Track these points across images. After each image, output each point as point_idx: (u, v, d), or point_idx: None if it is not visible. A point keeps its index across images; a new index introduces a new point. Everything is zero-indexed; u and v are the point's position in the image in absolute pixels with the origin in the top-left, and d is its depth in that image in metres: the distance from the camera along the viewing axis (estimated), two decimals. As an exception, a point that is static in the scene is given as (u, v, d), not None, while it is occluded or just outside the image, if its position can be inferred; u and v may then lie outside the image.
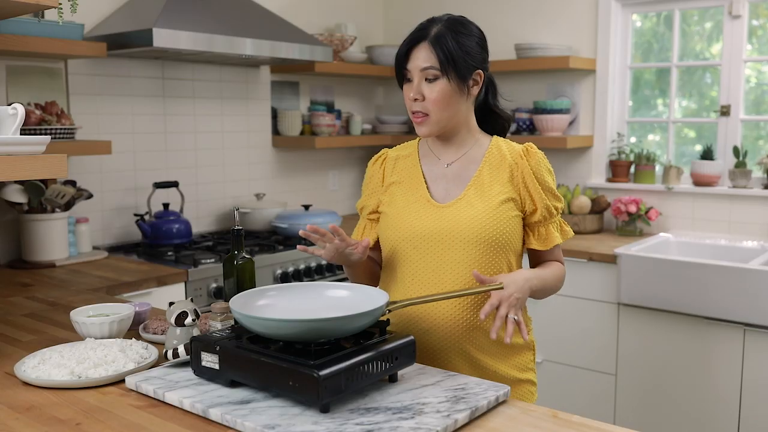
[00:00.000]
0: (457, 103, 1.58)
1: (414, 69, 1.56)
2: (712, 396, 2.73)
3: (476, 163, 1.62)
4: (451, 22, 1.59)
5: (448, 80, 1.54)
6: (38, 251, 2.62)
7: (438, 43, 1.55)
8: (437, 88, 1.55)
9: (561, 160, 3.69)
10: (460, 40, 1.56)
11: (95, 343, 1.50)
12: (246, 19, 3.00)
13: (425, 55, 1.55)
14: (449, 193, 1.62)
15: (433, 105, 1.56)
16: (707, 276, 2.68)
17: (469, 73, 1.58)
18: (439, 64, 1.54)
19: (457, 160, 1.64)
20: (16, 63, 2.65)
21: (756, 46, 3.25)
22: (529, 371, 1.67)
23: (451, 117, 1.59)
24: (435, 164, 1.66)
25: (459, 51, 1.55)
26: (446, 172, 1.64)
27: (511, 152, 1.62)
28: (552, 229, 1.63)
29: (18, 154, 1.44)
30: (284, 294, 1.43)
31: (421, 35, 1.57)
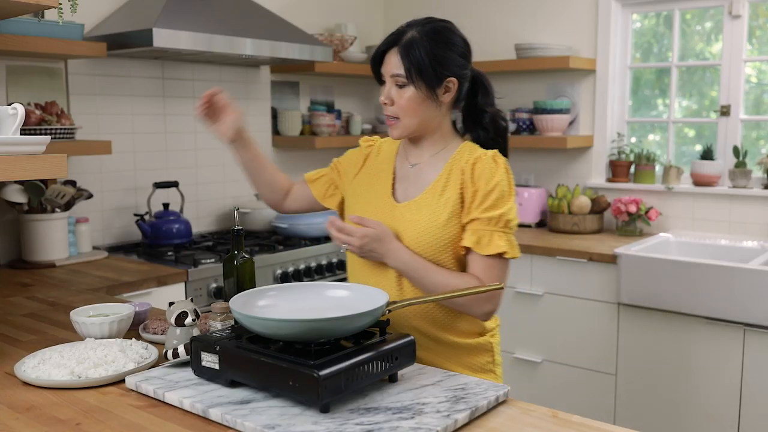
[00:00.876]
0: (426, 109, 1.60)
1: (386, 74, 1.61)
2: (712, 396, 2.73)
3: (438, 168, 1.64)
4: (428, 29, 1.60)
5: (415, 87, 1.57)
6: (38, 251, 2.62)
7: (407, 51, 1.57)
8: (405, 95, 1.58)
9: (561, 160, 3.69)
10: (431, 48, 1.57)
11: (95, 343, 1.50)
12: (246, 19, 3.00)
13: (395, 62, 1.58)
14: (407, 194, 1.65)
15: (402, 110, 1.60)
16: (707, 276, 2.68)
17: (438, 82, 1.58)
18: (406, 72, 1.56)
19: (422, 162, 1.67)
20: (16, 63, 2.65)
21: (756, 46, 3.25)
22: (488, 373, 1.64)
23: (421, 122, 1.62)
24: (404, 164, 1.70)
25: (427, 60, 1.56)
26: (410, 173, 1.67)
27: (468, 158, 1.60)
28: (468, 233, 1.54)
29: (18, 154, 1.44)
30: (284, 294, 1.43)
31: (394, 40, 1.61)
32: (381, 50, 1.62)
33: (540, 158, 3.76)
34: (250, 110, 3.53)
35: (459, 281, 1.53)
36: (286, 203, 1.90)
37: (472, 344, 1.63)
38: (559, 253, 3.08)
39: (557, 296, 3.13)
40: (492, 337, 1.67)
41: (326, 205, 1.84)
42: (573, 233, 3.41)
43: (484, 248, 1.53)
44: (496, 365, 1.67)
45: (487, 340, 1.65)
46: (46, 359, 1.44)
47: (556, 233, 3.44)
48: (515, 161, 3.82)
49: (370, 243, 1.54)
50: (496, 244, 1.53)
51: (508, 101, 3.82)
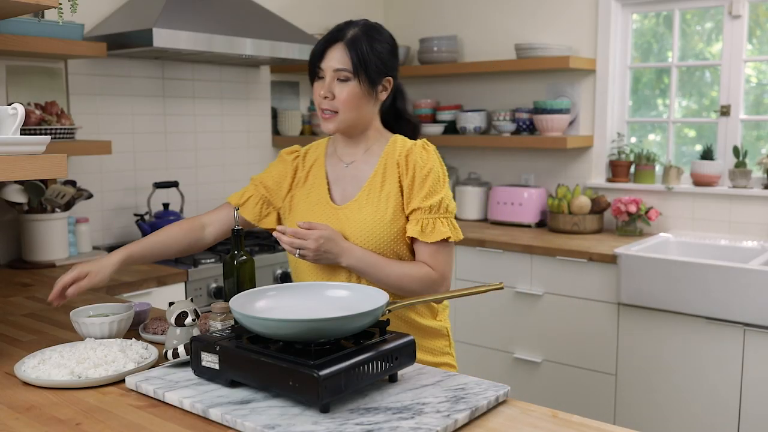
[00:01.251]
0: (365, 105, 1.64)
1: (327, 68, 1.62)
2: (712, 396, 2.73)
3: (373, 164, 1.67)
4: (368, 28, 1.66)
5: (358, 83, 1.61)
6: (38, 251, 2.62)
7: (353, 45, 1.61)
8: (347, 89, 1.61)
9: (561, 160, 3.69)
10: (374, 45, 1.63)
11: (95, 343, 1.50)
12: (246, 19, 3.00)
13: (340, 57, 1.61)
14: (345, 195, 1.68)
15: (342, 104, 1.62)
16: (707, 276, 2.68)
17: (379, 79, 1.64)
18: (352, 66, 1.60)
19: (356, 160, 1.70)
20: (16, 63, 2.65)
21: (756, 46, 3.25)
22: (445, 355, 1.73)
23: (358, 117, 1.65)
24: (337, 165, 1.72)
25: (372, 56, 1.61)
26: (345, 173, 1.70)
27: (401, 150, 1.66)
28: (413, 223, 1.61)
29: (18, 154, 1.44)
30: (284, 294, 1.42)
31: (337, 36, 1.63)
32: (323, 46, 1.63)
33: (540, 158, 3.76)
34: (250, 110, 3.53)
35: (413, 269, 1.61)
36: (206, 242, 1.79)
37: (430, 327, 1.69)
38: (559, 253, 3.08)
39: (557, 296, 3.13)
40: (445, 321, 1.75)
41: (263, 226, 1.80)
42: (573, 233, 3.41)
43: (429, 236, 1.60)
44: (451, 348, 1.76)
45: (443, 325, 1.73)
46: (46, 359, 1.44)
47: (556, 233, 3.44)
48: (515, 161, 3.83)
49: (325, 244, 1.55)
50: (440, 231, 1.60)
51: (508, 101, 3.83)
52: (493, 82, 3.88)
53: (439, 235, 1.60)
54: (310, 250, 1.55)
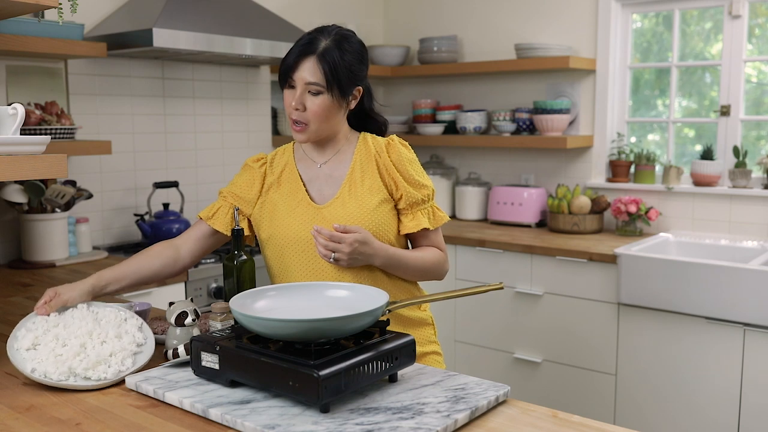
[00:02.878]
0: (335, 116, 1.66)
1: (299, 80, 1.62)
2: (712, 396, 2.73)
3: (347, 162, 1.70)
4: (339, 38, 1.64)
5: (330, 95, 1.61)
6: (38, 251, 2.62)
7: (325, 60, 1.60)
8: (318, 102, 1.62)
9: (561, 160, 3.69)
10: (345, 58, 1.62)
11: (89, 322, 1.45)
12: (246, 19, 3.00)
13: (311, 70, 1.60)
14: (323, 194, 1.69)
15: (313, 116, 1.63)
16: (707, 276, 2.68)
17: (350, 89, 1.66)
18: (325, 81, 1.60)
19: (329, 160, 1.72)
20: (16, 63, 2.65)
21: (756, 46, 3.25)
22: (431, 344, 1.77)
23: (328, 127, 1.67)
24: (310, 166, 1.73)
25: (343, 69, 1.61)
26: (319, 173, 1.71)
27: (375, 146, 1.71)
28: (419, 215, 1.69)
29: (18, 154, 1.44)
30: (284, 294, 1.43)
31: (310, 49, 1.61)
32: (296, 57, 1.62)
33: (540, 158, 3.76)
34: (250, 110, 3.53)
35: (428, 255, 1.70)
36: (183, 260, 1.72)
37: (415, 318, 1.73)
38: (559, 253, 3.08)
39: (557, 296, 3.13)
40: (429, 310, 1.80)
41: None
42: (573, 233, 3.41)
43: (435, 223, 1.72)
44: (436, 335, 1.81)
45: (427, 314, 1.78)
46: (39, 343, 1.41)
47: (556, 233, 3.44)
48: (515, 161, 3.83)
49: (360, 247, 1.57)
50: (440, 216, 1.73)
51: (508, 101, 3.83)
52: (493, 82, 3.88)
53: (441, 220, 1.73)
54: (344, 254, 1.56)
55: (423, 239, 1.73)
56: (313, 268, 1.65)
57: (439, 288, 2.98)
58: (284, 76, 1.64)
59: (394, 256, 1.63)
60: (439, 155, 4.07)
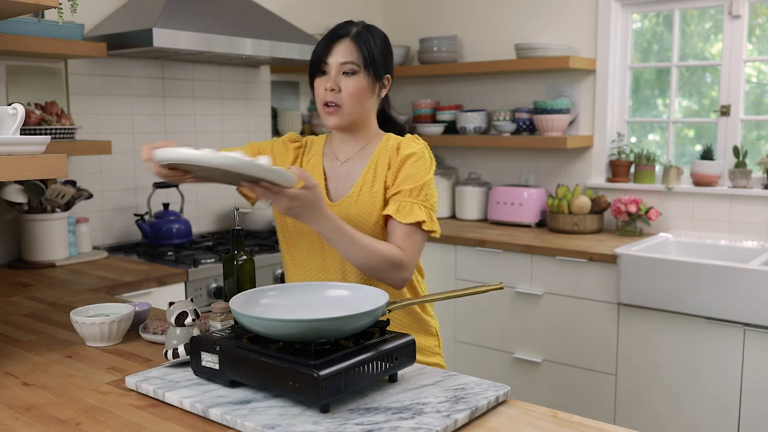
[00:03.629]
0: (368, 100, 1.66)
1: (333, 63, 1.62)
2: (712, 396, 2.73)
3: (365, 162, 1.69)
4: (368, 27, 1.69)
5: (365, 76, 1.63)
6: (38, 251, 2.62)
7: (361, 40, 1.64)
8: (353, 82, 1.62)
9: (561, 160, 3.69)
10: (377, 42, 1.66)
11: None
12: (246, 19, 3.00)
13: (346, 51, 1.62)
14: (339, 192, 1.70)
15: (348, 97, 1.62)
16: (707, 276, 2.68)
17: (382, 74, 1.67)
18: (361, 59, 1.62)
19: (351, 158, 1.71)
20: (16, 63, 2.65)
21: (756, 46, 3.25)
22: (435, 355, 1.75)
23: (360, 112, 1.66)
24: (333, 162, 1.73)
25: (377, 52, 1.65)
26: (339, 171, 1.72)
27: (393, 145, 1.68)
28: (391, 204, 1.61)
29: (18, 154, 1.44)
30: (284, 294, 1.42)
31: (342, 32, 1.65)
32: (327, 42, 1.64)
33: (540, 158, 3.76)
34: (250, 110, 3.53)
35: (382, 246, 1.55)
36: None
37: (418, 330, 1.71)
38: (559, 253, 3.08)
39: (557, 296, 3.13)
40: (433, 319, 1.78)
41: None
42: (573, 233, 3.41)
43: (404, 216, 1.58)
44: (440, 348, 1.79)
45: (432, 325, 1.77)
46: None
47: (556, 233, 3.44)
48: (515, 161, 3.83)
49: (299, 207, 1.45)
50: (416, 214, 1.58)
51: (508, 101, 3.83)
52: (493, 82, 3.88)
53: (414, 218, 1.57)
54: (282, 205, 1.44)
55: (390, 230, 1.61)
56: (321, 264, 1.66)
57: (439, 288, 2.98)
58: (316, 64, 1.64)
59: (339, 228, 1.50)
60: (439, 155, 4.07)
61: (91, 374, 1.44)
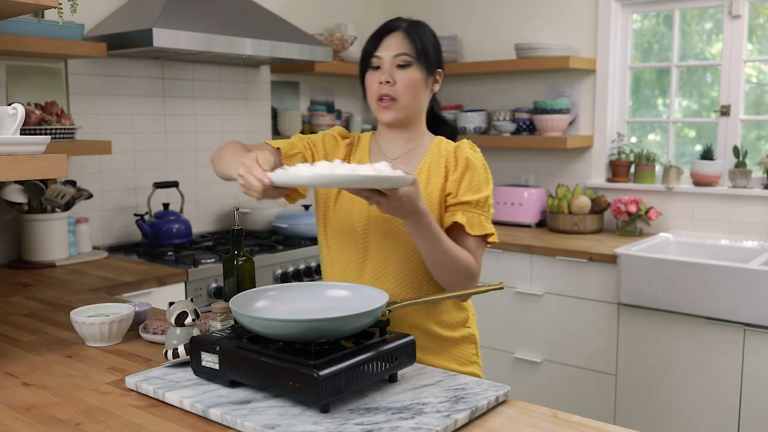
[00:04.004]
0: (422, 93, 1.63)
1: (386, 56, 1.60)
2: (712, 396, 2.73)
3: (416, 163, 1.65)
4: (418, 21, 1.67)
5: (419, 68, 1.60)
6: (38, 251, 2.62)
7: (414, 31, 1.62)
8: (407, 74, 1.59)
9: (561, 160, 3.69)
10: (428, 36, 1.64)
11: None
12: (246, 19, 3.00)
13: (399, 43, 1.60)
14: None
15: (403, 90, 1.59)
16: (707, 276, 2.68)
17: (434, 68, 1.65)
18: (414, 51, 1.59)
19: (400, 157, 1.67)
20: (16, 63, 2.65)
21: (756, 46, 3.25)
22: (472, 364, 1.69)
23: (415, 106, 1.63)
24: (380, 159, 1.68)
25: (430, 45, 1.63)
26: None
27: (447, 148, 1.65)
28: (459, 214, 1.57)
29: (18, 154, 1.44)
30: (284, 294, 1.42)
31: (393, 26, 1.63)
32: (378, 36, 1.61)
33: (540, 158, 3.76)
34: (250, 110, 3.53)
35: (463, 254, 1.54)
36: None
37: (457, 337, 1.66)
38: (559, 253, 3.08)
39: (557, 296, 3.13)
40: (473, 327, 1.72)
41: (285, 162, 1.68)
42: (573, 233, 3.41)
43: (475, 229, 1.57)
44: (478, 357, 1.73)
45: (470, 331, 1.70)
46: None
47: (556, 233, 3.44)
48: (515, 161, 3.83)
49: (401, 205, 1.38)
50: (483, 226, 1.59)
51: (508, 101, 3.83)
52: (493, 82, 3.88)
53: (484, 230, 1.58)
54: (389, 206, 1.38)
55: (459, 241, 1.57)
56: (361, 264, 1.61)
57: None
58: (367, 59, 1.61)
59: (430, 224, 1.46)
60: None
61: (91, 374, 1.44)
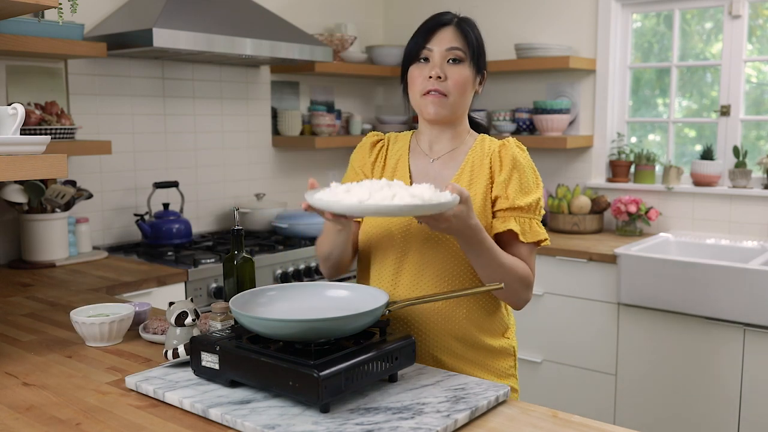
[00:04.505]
0: (470, 92, 1.58)
1: (438, 49, 1.53)
2: (712, 396, 2.73)
3: (458, 162, 1.60)
4: (468, 18, 1.60)
5: (470, 65, 1.54)
6: (38, 251, 2.62)
7: (466, 26, 1.56)
8: (459, 70, 1.53)
9: (561, 160, 3.69)
10: (478, 33, 1.58)
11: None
12: (246, 19, 3.00)
13: (452, 37, 1.54)
14: None
15: (454, 86, 1.53)
16: (707, 276, 2.68)
17: (482, 67, 1.59)
18: (468, 47, 1.54)
19: (443, 156, 1.61)
20: (16, 63, 2.65)
21: (756, 46, 3.25)
22: (509, 377, 1.62)
23: (462, 105, 1.57)
24: (421, 160, 1.63)
25: (479, 43, 1.57)
26: (430, 169, 1.61)
27: (491, 147, 1.59)
28: (512, 221, 1.51)
29: (18, 154, 1.44)
30: (284, 294, 1.42)
31: (444, 20, 1.56)
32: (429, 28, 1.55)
33: (540, 158, 3.76)
34: (250, 110, 3.53)
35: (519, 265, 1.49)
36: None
37: (496, 348, 1.59)
38: (559, 253, 3.08)
39: (557, 296, 3.13)
40: (513, 339, 1.65)
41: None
42: (573, 233, 3.41)
43: (528, 236, 1.51)
44: (516, 369, 1.66)
45: (510, 343, 1.63)
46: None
47: (556, 233, 3.44)
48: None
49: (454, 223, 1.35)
50: (537, 232, 1.52)
51: (508, 101, 3.82)
52: (493, 82, 3.88)
53: (537, 236, 1.52)
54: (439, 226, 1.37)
55: (512, 249, 1.51)
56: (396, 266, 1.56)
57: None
58: (416, 51, 1.54)
59: (483, 240, 1.42)
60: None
61: (91, 374, 1.44)
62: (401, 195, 1.29)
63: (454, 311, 1.54)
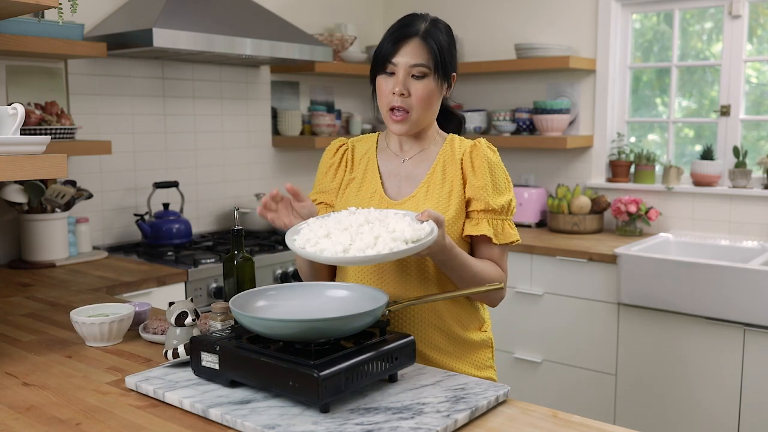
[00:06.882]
0: (435, 103, 1.59)
1: (402, 64, 1.53)
2: (712, 396, 2.73)
3: (430, 162, 1.61)
4: (436, 22, 1.58)
5: (435, 78, 1.54)
6: (38, 251, 2.62)
7: (431, 39, 1.54)
8: (422, 86, 1.54)
9: (561, 160, 3.69)
10: (447, 41, 1.57)
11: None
12: (246, 19, 3.00)
13: (417, 51, 1.53)
14: (401, 191, 1.61)
15: (418, 103, 1.54)
16: (707, 276, 2.68)
17: (449, 74, 1.60)
18: (432, 62, 1.53)
19: (413, 157, 1.63)
20: (16, 63, 2.65)
21: (756, 46, 3.25)
22: (488, 369, 1.67)
23: (427, 115, 1.58)
24: (391, 160, 1.64)
25: (447, 51, 1.56)
26: (400, 170, 1.63)
27: (462, 148, 1.60)
28: (484, 223, 1.53)
29: (18, 154, 1.44)
30: (284, 294, 1.42)
31: (410, 31, 1.54)
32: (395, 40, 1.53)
33: (540, 158, 3.76)
34: (250, 110, 3.53)
35: (489, 268, 1.53)
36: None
37: (477, 341, 1.64)
38: (559, 253, 3.08)
39: (557, 296, 3.13)
40: (489, 332, 1.70)
41: None
42: (573, 233, 3.41)
43: (500, 238, 1.54)
44: (493, 360, 1.71)
45: (488, 335, 1.68)
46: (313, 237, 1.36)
47: (556, 233, 3.44)
48: (515, 161, 3.83)
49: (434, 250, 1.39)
50: (509, 233, 1.56)
51: (508, 101, 3.83)
52: (493, 82, 3.88)
53: (509, 238, 1.56)
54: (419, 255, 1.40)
55: (484, 251, 1.56)
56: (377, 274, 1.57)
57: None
58: (382, 62, 1.54)
59: (457, 256, 1.46)
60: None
61: (91, 374, 1.44)
62: (383, 238, 1.30)
63: (439, 307, 1.56)
